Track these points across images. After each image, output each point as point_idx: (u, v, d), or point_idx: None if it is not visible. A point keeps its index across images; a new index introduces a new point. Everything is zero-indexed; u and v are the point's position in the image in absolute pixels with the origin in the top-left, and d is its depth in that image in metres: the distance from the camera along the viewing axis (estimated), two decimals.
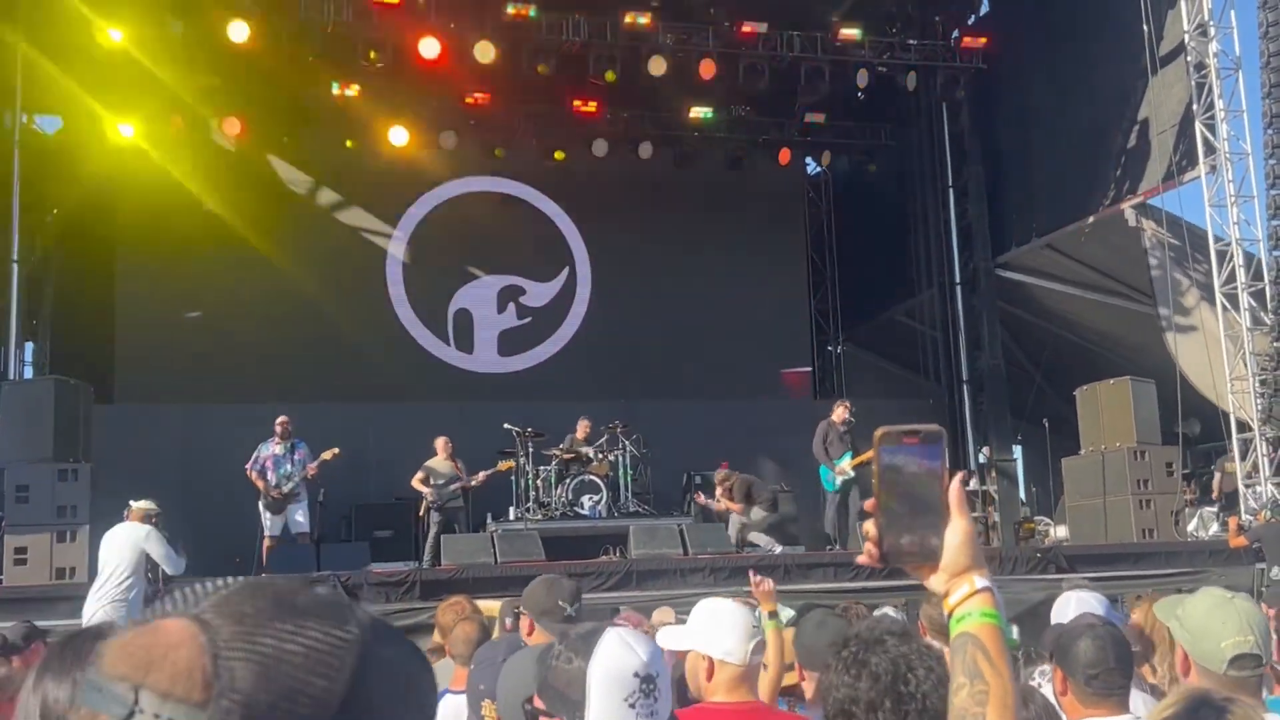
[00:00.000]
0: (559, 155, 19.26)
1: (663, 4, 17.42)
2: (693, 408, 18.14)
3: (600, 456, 14.96)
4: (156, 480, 12.32)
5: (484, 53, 16.47)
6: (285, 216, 18.64)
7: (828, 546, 13.80)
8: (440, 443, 14.13)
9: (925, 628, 4.67)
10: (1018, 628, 4.12)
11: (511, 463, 14.43)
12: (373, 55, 16.27)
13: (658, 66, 17.21)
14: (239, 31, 15.63)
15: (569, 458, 14.84)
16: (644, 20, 17.16)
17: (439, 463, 14.05)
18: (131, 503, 9.69)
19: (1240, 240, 14.86)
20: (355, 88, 17.70)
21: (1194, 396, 15.54)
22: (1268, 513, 13.44)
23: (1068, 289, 18.96)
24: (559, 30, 16.79)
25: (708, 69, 17.44)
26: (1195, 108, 15.11)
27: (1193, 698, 2.10)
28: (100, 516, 10.96)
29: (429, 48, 16.35)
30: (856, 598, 9.51)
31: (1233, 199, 14.89)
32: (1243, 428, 14.81)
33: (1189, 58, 15.18)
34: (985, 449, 18.84)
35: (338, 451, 13.06)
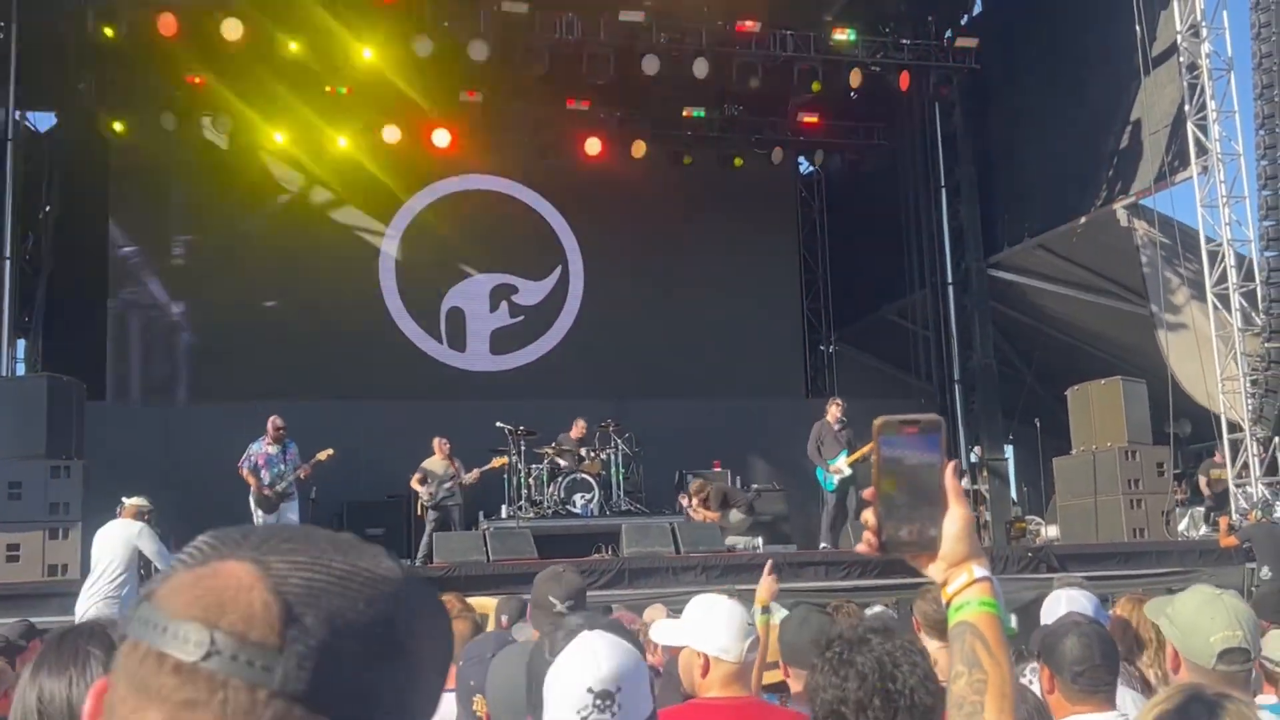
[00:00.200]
0: (551, 154, 19.24)
1: (656, 2, 17.42)
2: (685, 406, 18.14)
3: (592, 455, 14.97)
4: (149, 477, 12.32)
5: (478, 51, 16.48)
6: (277, 215, 18.63)
7: (821, 545, 13.83)
8: (437, 443, 14.14)
9: (919, 623, 4.66)
10: (1016, 617, 4.13)
11: (505, 459, 14.42)
12: (366, 53, 16.27)
13: (651, 65, 17.22)
14: (232, 29, 15.62)
15: (561, 457, 14.84)
16: (637, 18, 17.16)
17: (435, 463, 14.07)
18: (124, 500, 9.69)
19: (1232, 241, 14.89)
20: (347, 85, 17.69)
21: (1185, 396, 15.57)
22: (1258, 512, 13.47)
23: (1059, 289, 18.99)
24: (552, 28, 16.79)
25: (701, 68, 17.45)
26: (1187, 108, 15.15)
27: (1185, 693, 2.10)
28: (93, 514, 10.94)
29: (422, 46, 16.35)
30: (848, 596, 9.53)
31: (1224, 199, 14.93)
32: (1233, 428, 14.85)
33: (1181, 58, 15.21)
34: (977, 448, 18.88)
35: (332, 452, 12.94)
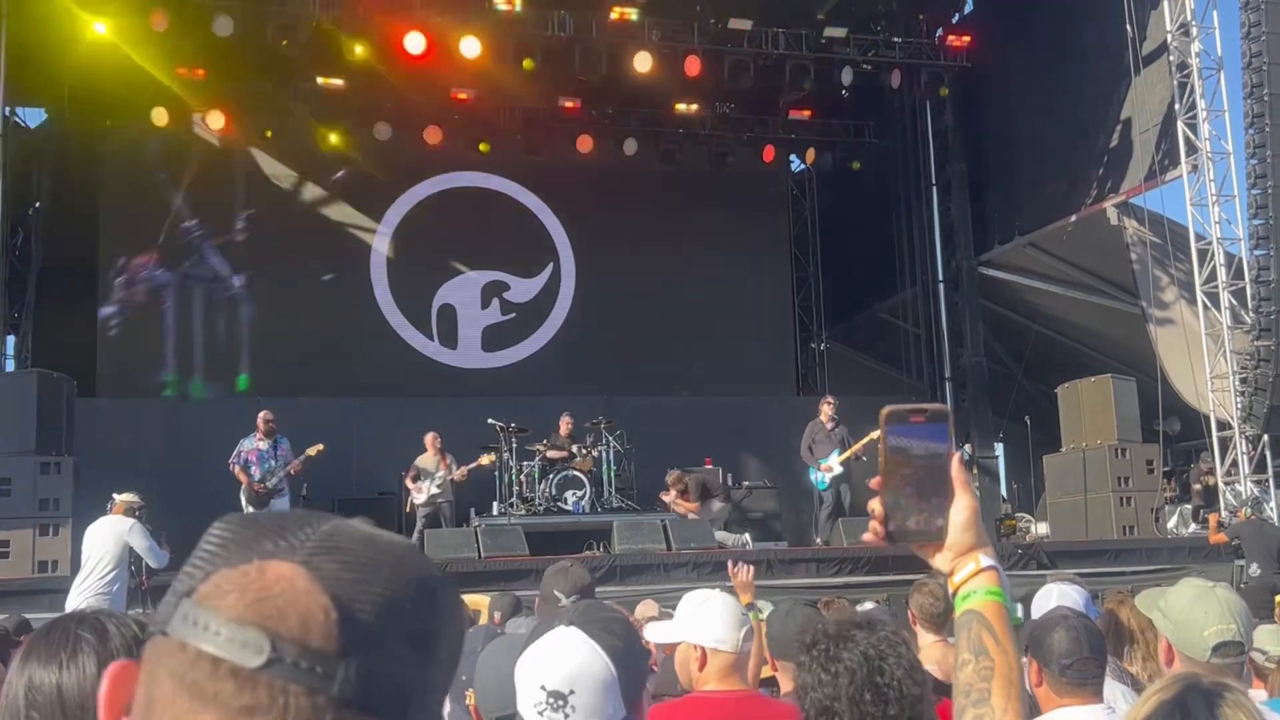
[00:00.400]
0: (543, 151, 19.22)
1: (648, 0, 17.42)
2: (676, 404, 18.14)
3: (584, 452, 14.96)
4: (139, 473, 12.28)
5: (469, 48, 16.46)
6: (268, 211, 18.59)
7: (816, 540, 13.88)
8: (429, 439, 14.16)
9: (915, 616, 4.66)
10: (1021, 607, 4.14)
11: (492, 456, 14.39)
12: (358, 50, 16.24)
13: (643, 63, 17.22)
14: (224, 25, 15.58)
15: (552, 454, 14.84)
16: (630, 15, 17.15)
17: (426, 459, 14.08)
18: (115, 495, 9.66)
19: (1221, 239, 14.93)
20: (340, 82, 17.66)
21: (1174, 394, 15.62)
22: (1247, 510, 13.53)
23: (1050, 287, 19.03)
24: (544, 26, 16.78)
25: (693, 66, 17.45)
26: (1177, 107, 15.17)
27: (1183, 682, 2.08)
28: (83, 510, 10.93)
29: (414, 43, 16.32)
30: (839, 593, 9.56)
31: (1214, 198, 14.96)
32: (1222, 426, 14.90)
33: (1171, 57, 15.24)
34: (967, 446, 18.90)
35: (322, 448, 13.02)
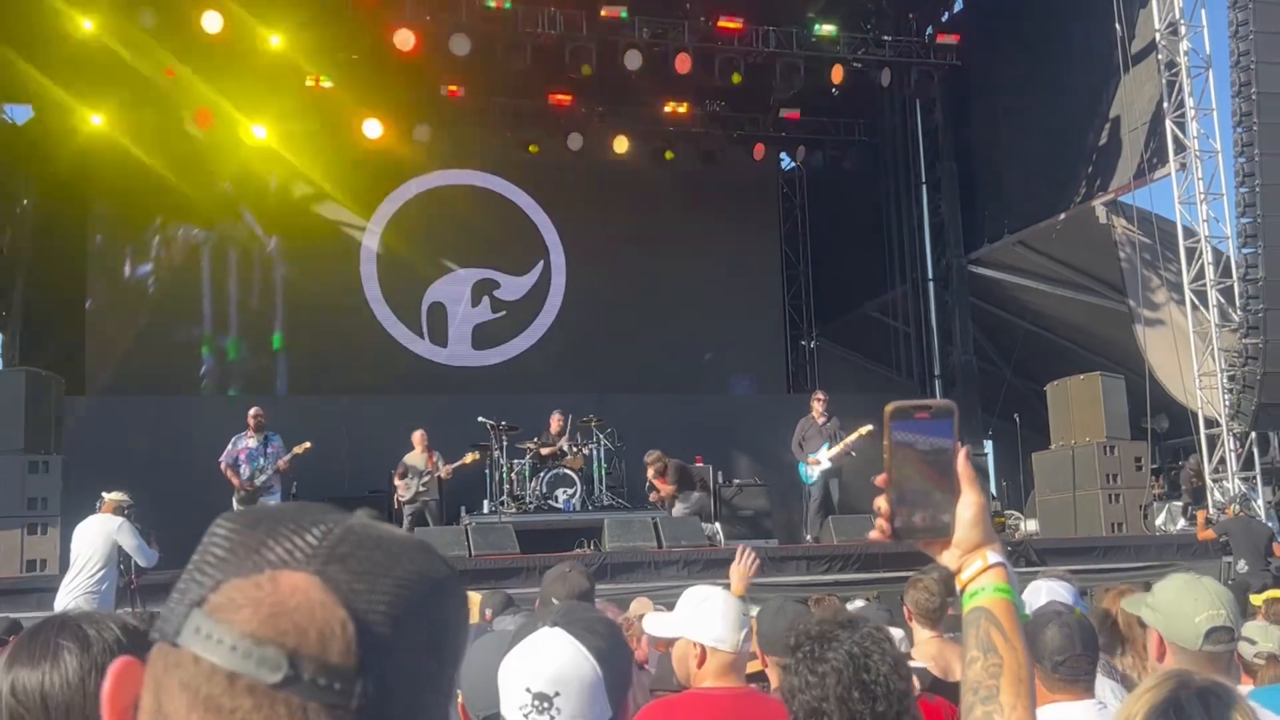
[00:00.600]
0: (533, 149, 19.19)
1: None
2: (667, 401, 18.14)
3: (574, 450, 14.96)
4: (128, 472, 12.23)
5: (459, 45, 16.44)
6: (258, 209, 18.54)
7: (807, 537, 13.90)
8: (416, 436, 14.14)
9: (911, 613, 4.63)
10: (1028, 603, 4.14)
11: (477, 455, 14.32)
12: (348, 47, 16.21)
13: (633, 60, 17.21)
14: (212, 22, 15.53)
15: (543, 451, 14.83)
16: (620, 13, 17.15)
17: (414, 456, 14.06)
18: (104, 494, 9.65)
19: (1209, 237, 14.98)
20: (329, 79, 17.62)
21: (1163, 392, 15.67)
22: (1235, 507, 13.58)
23: (1039, 285, 19.07)
24: (534, 23, 16.76)
25: (683, 63, 17.45)
26: (1166, 106, 15.22)
27: (1174, 680, 2.02)
28: (72, 509, 10.90)
29: (404, 39, 16.29)
30: (829, 590, 9.57)
31: (1202, 196, 15.01)
32: (1210, 423, 14.95)
33: (1160, 56, 15.28)
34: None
35: (309, 446, 13.01)
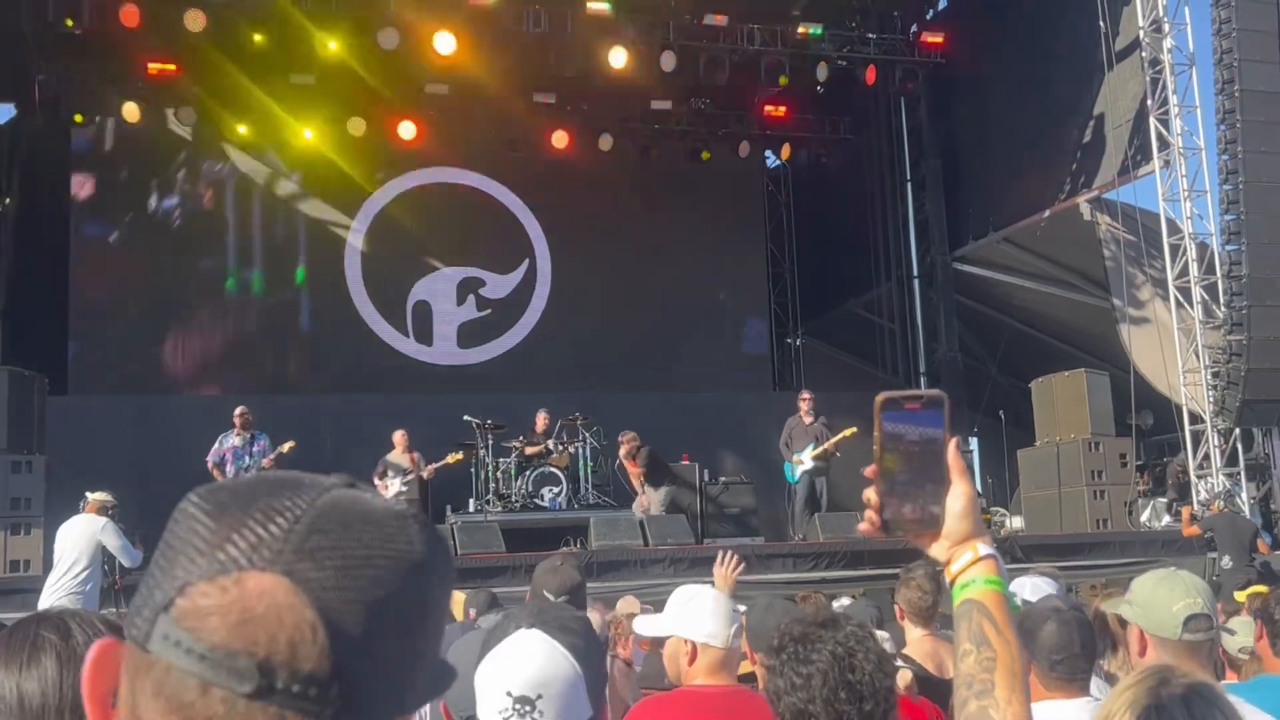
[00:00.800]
0: (519, 147, 19.16)
1: None
2: (652, 400, 18.12)
3: (560, 448, 14.93)
4: (112, 472, 12.17)
5: (444, 43, 16.39)
6: (242, 207, 18.47)
7: (796, 536, 13.91)
8: (397, 436, 14.07)
9: (902, 610, 4.58)
10: (1020, 595, 4.13)
11: (460, 455, 14.27)
12: (332, 45, 16.15)
13: (618, 58, 17.18)
14: (195, 20, 15.45)
15: (529, 450, 14.80)
16: (605, 11, 17.12)
17: (395, 456, 14.00)
18: (88, 494, 9.60)
19: (1193, 234, 15.03)
20: (313, 77, 17.55)
21: (1148, 388, 15.72)
22: (1220, 503, 13.63)
23: (1024, 282, 19.11)
24: (519, 21, 16.72)
25: (668, 61, 17.44)
26: (1150, 103, 15.27)
27: (1155, 677, 2.02)
28: (55, 509, 10.82)
29: (388, 38, 16.24)
30: (816, 588, 9.59)
31: (1186, 193, 15.06)
32: (1194, 419, 15.00)
33: (1144, 53, 15.33)
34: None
35: (294, 444, 12.97)
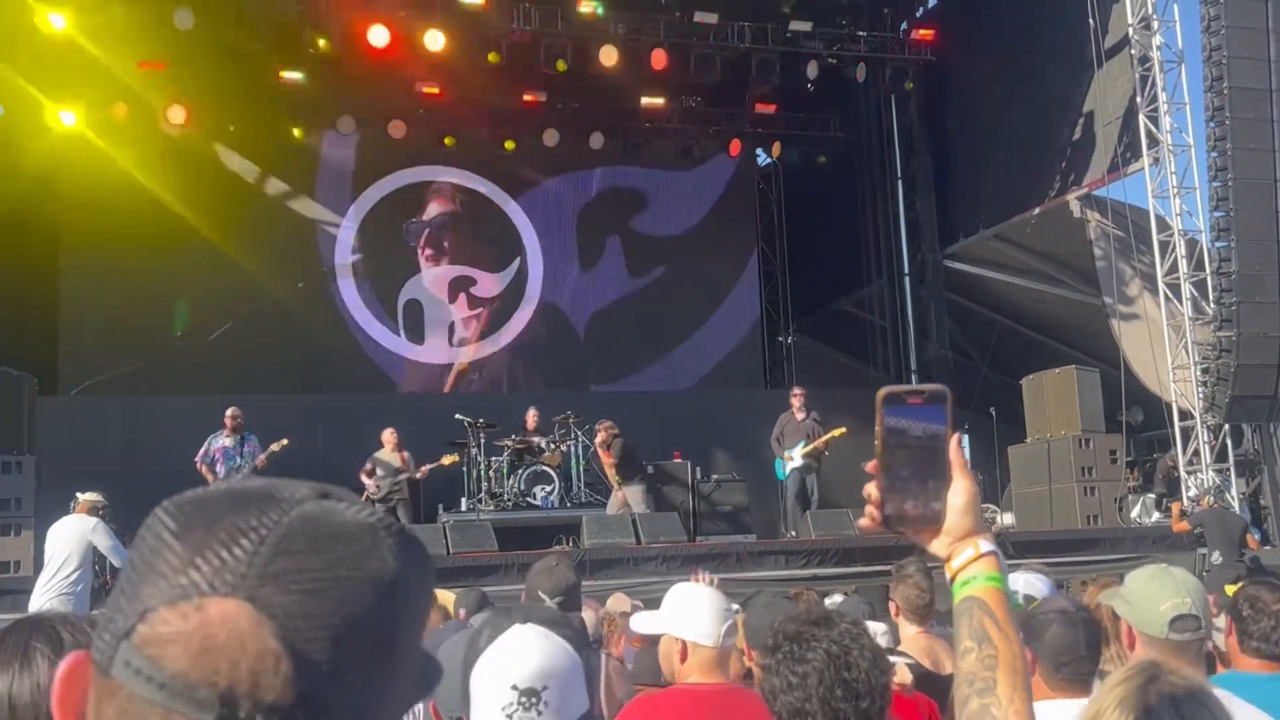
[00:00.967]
0: (509, 145, 19.16)
1: None
2: (644, 398, 18.13)
3: (552, 447, 14.93)
4: (102, 472, 12.16)
5: (434, 41, 16.38)
6: (232, 206, 18.42)
7: (790, 533, 13.93)
8: (387, 435, 14.04)
9: (898, 608, 4.57)
10: (1021, 593, 4.12)
11: (456, 457, 14.28)
12: (321, 43, 16.12)
13: (609, 57, 17.19)
14: (185, 18, 15.41)
15: (521, 448, 14.80)
16: (595, 10, 17.12)
17: (385, 455, 13.98)
18: (79, 495, 9.59)
19: (1183, 231, 15.07)
20: (303, 76, 17.53)
21: (1138, 384, 15.75)
22: (1210, 499, 13.66)
23: (1015, 279, 19.14)
24: (509, 19, 16.72)
25: (658, 59, 17.44)
26: (1139, 100, 15.31)
27: (1144, 674, 2.01)
28: (45, 509, 10.79)
29: (378, 36, 16.22)
30: (808, 585, 9.58)
31: (1175, 190, 15.10)
32: (1184, 416, 15.05)
33: (1133, 51, 15.37)
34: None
35: (286, 443, 12.93)
